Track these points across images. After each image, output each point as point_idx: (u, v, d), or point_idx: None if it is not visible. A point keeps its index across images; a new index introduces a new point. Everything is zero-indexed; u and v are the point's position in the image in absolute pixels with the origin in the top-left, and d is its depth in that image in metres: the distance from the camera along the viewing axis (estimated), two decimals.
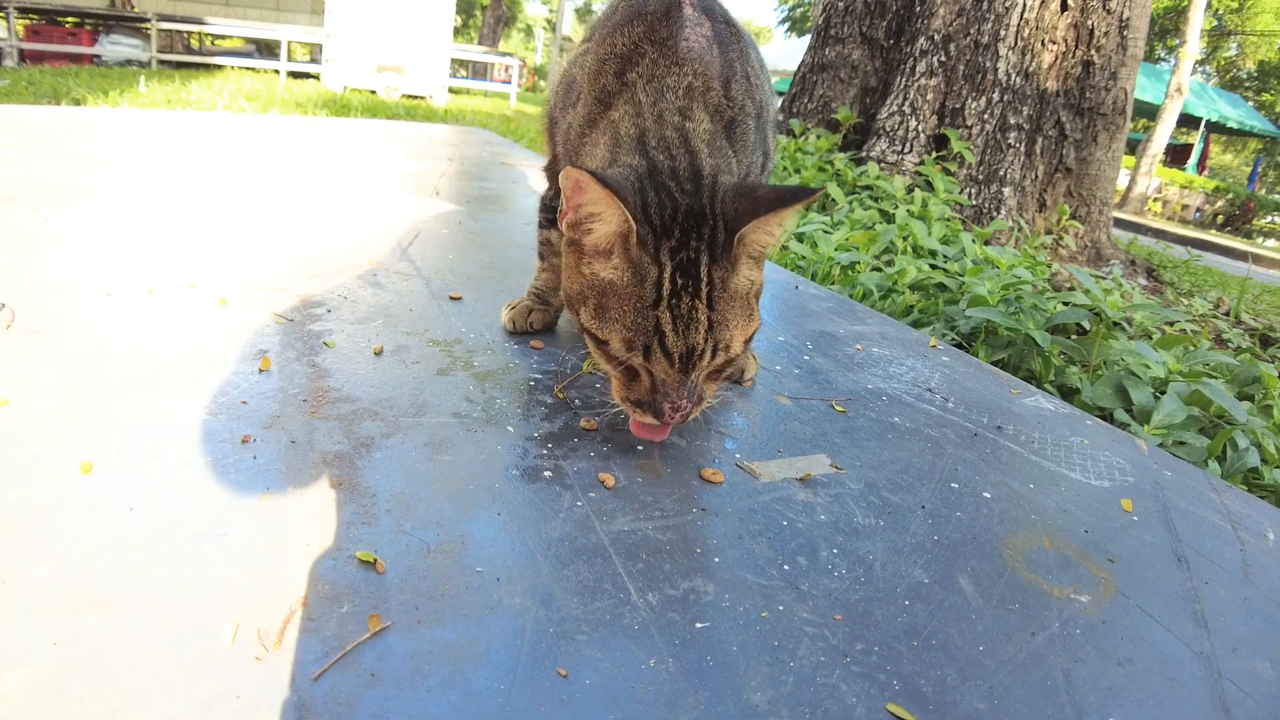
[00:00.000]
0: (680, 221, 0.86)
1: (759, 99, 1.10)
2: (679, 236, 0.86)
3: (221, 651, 0.60)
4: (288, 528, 0.75)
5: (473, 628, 0.64)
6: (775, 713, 0.60)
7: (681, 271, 0.85)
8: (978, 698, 0.68)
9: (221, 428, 0.93)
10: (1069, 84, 3.82)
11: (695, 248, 0.86)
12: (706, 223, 0.87)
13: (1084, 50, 3.78)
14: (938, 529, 0.91)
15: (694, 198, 0.88)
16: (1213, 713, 0.74)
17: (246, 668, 0.59)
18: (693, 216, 0.87)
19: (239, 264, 1.53)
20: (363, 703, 0.56)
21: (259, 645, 0.61)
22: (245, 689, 0.57)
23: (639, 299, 0.85)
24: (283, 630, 0.63)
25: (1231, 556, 1.02)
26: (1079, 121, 3.87)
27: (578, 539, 0.78)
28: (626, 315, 0.85)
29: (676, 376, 0.86)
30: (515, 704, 0.57)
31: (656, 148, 0.93)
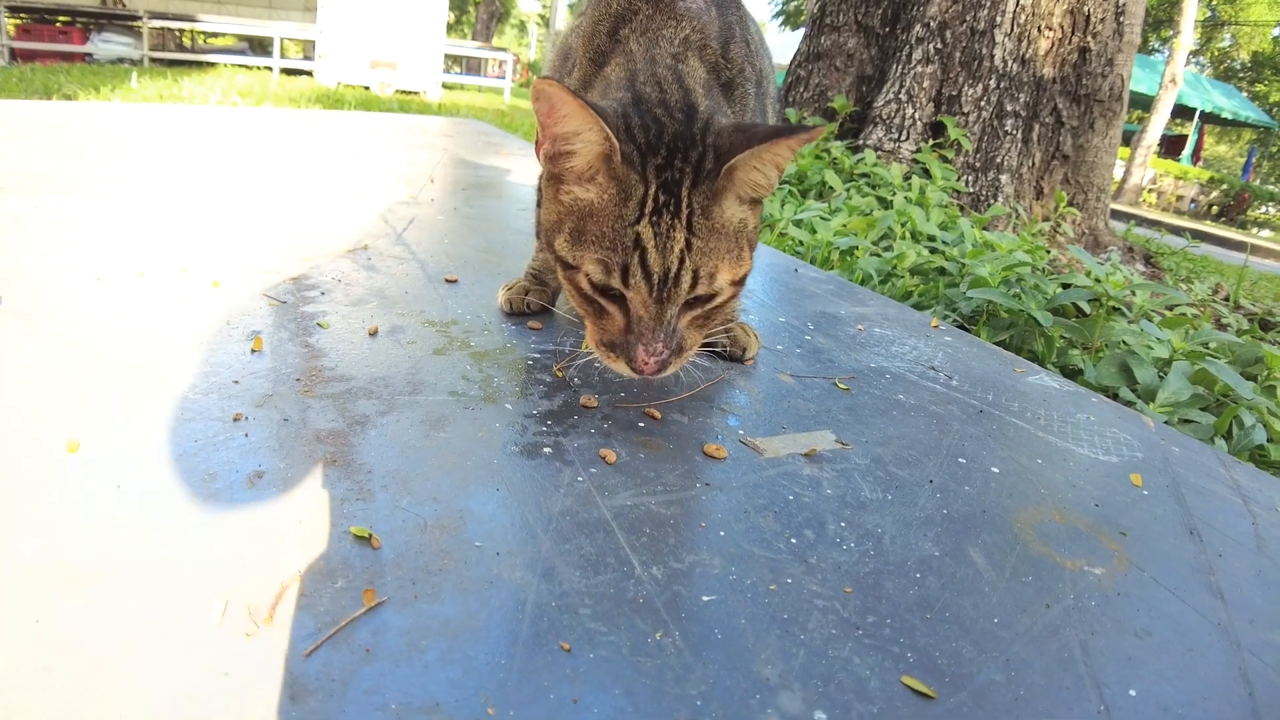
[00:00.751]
0: (667, 143, 0.83)
1: (759, 67, 1.08)
2: (664, 156, 0.82)
3: (210, 628, 0.58)
4: (280, 504, 0.73)
5: (471, 602, 0.62)
6: (787, 686, 0.58)
7: (664, 189, 0.81)
8: (994, 670, 0.66)
9: (212, 406, 0.91)
10: (1065, 70, 3.80)
11: (680, 169, 0.82)
12: (695, 149, 0.83)
13: (1080, 36, 3.76)
14: (946, 503, 0.89)
15: (684, 126, 0.85)
16: (1233, 684, 0.72)
17: (236, 644, 0.57)
18: (680, 140, 0.83)
19: (232, 248, 1.50)
20: (357, 679, 0.54)
21: (249, 622, 0.59)
22: (235, 666, 0.55)
23: (620, 217, 0.81)
24: (274, 607, 0.60)
25: (1244, 529, 1.01)
26: (1076, 108, 3.86)
27: (579, 514, 0.76)
28: (605, 235, 0.82)
29: (653, 307, 0.82)
30: (516, 679, 0.55)
31: (645, 83, 0.89)
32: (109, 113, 3.33)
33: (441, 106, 7.06)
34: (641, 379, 1.00)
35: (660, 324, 0.83)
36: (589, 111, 0.78)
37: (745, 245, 0.88)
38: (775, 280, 1.77)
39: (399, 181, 2.37)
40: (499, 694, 0.54)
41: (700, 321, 0.88)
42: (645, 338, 0.83)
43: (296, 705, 0.52)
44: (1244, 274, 3.27)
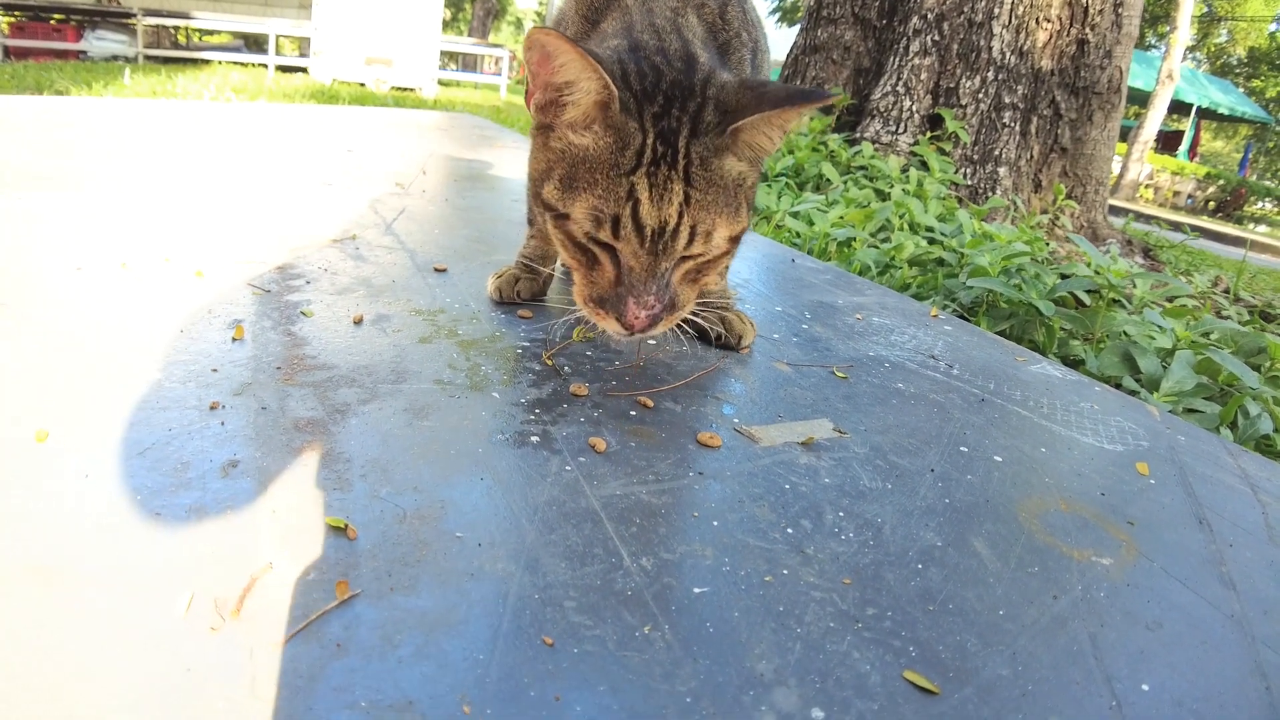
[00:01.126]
0: (664, 91, 0.79)
1: (755, 37, 1.05)
2: (661, 104, 0.79)
3: (174, 622, 0.55)
4: (253, 494, 0.70)
5: (450, 595, 0.59)
6: (783, 682, 0.55)
7: (661, 139, 0.78)
8: (1000, 664, 0.63)
9: (189, 395, 0.87)
10: (1064, 62, 3.77)
11: (678, 118, 0.78)
12: (694, 99, 0.80)
13: (1079, 28, 3.73)
14: (948, 492, 0.86)
15: (683, 75, 0.81)
16: (1249, 677, 0.69)
17: (200, 639, 0.53)
18: (679, 89, 0.80)
19: (217, 239, 1.47)
20: (326, 675, 0.51)
21: (215, 615, 0.56)
22: (197, 661, 0.51)
23: (614, 166, 0.77)
24: (242, 599, 0.57)
25: (1254, 519, 0.98)
26: (1074, 100, 3.83)
27: (566, 504, 0.73)
28: (598, 183, 0.78)
29: (646, 260, 0.79)
30: (495, 675, 0.52)
31: (643, 32, 0.85)
32: (100, 108, 3.29)
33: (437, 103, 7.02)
34: (630, 343, 0.95)
35: (653, 277, 0.79)
36: (586, 59, 0.74)
37: (743, 201, 0.84)
38: (772, 270, 1.74)
39: (391, 174, 2.34)
40: (476, 691, 0.50)
41: (694, 277, 0.85)
42: (636, 290, 0.79)
43: (260, 703, 0.49)
44: (1243, 267, 3.24)
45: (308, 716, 0.48)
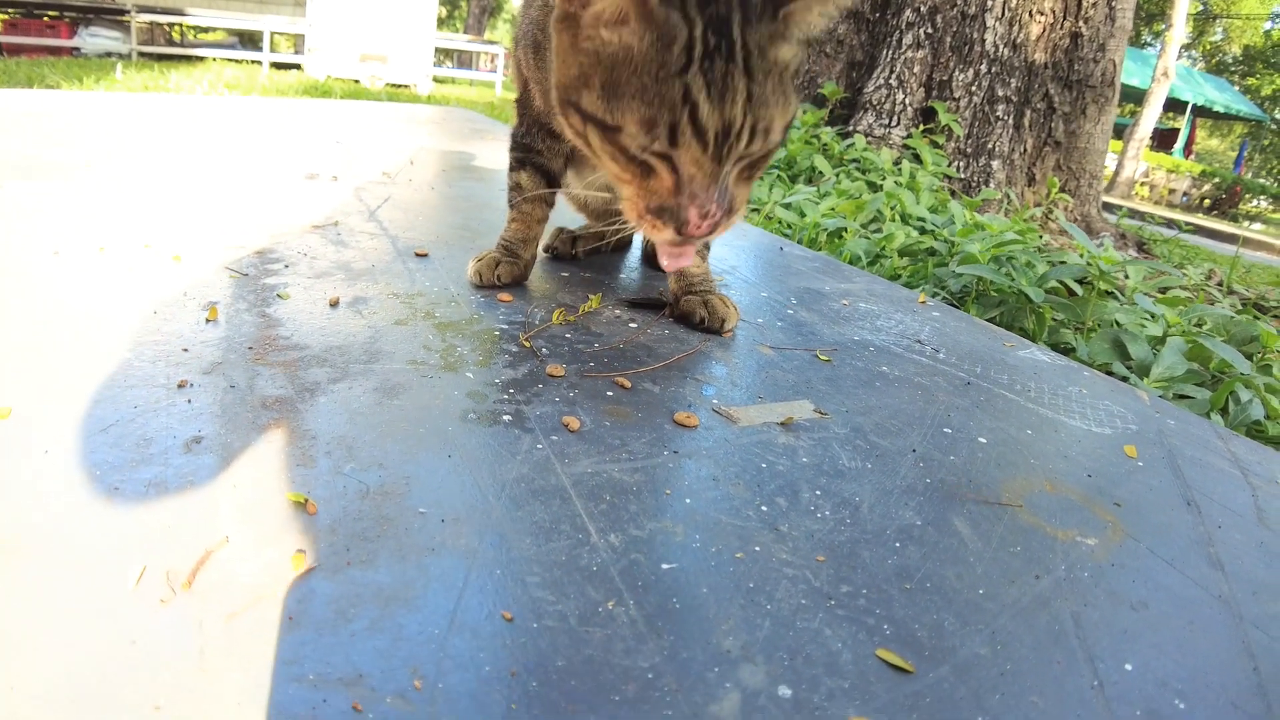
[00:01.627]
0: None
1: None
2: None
3: (123, 595, 0.53)
4: (215, 470, 0.68)
5: (409, 570, 0.57)
6: (750, 659, 0.53)
7: (713, 28, 0.68)
8: (979, 643, 0.61)
9: (158, 374, 0.85)
10: (1057, 56, 3.76)
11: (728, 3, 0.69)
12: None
13: (1072, 22, 3.72)
14: (930, 472, 0.85)
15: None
16: (1236, 658, 0.67)
17: (149, 612, 0.52)
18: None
19: (197, 225, 1.44)
20: (276, 648, 0.49)
21: (166, 588, 0.54)
22: (144, 634, 0.50)
23: (663, 66, 0.68)
24: (194, 572, 0.55)
25: (1243, 501, 0.96)
26: (1068, 94, 3.81)
27: (535, 481, 0.71)
28: (648, 87, 0.69)
29: (709, 165, 0.71)
30: (451, 649, 0.50)
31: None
32: (90, 101, 3.26)
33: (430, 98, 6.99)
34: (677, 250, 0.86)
35: (715, 182, 0.73)
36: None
37: (790, 84, 0.76)
38: (760, 258, 1.72)
39: (379, 165, 2.32)
40: (429, 665, 0.48)
41: (748, 175, 0.78)
42: (700, 199, 0.73)
43: (206, 676, 0.47)
44: (1236, 261, 3.23)
45: (254, 689, 0.46)
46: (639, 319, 1.18)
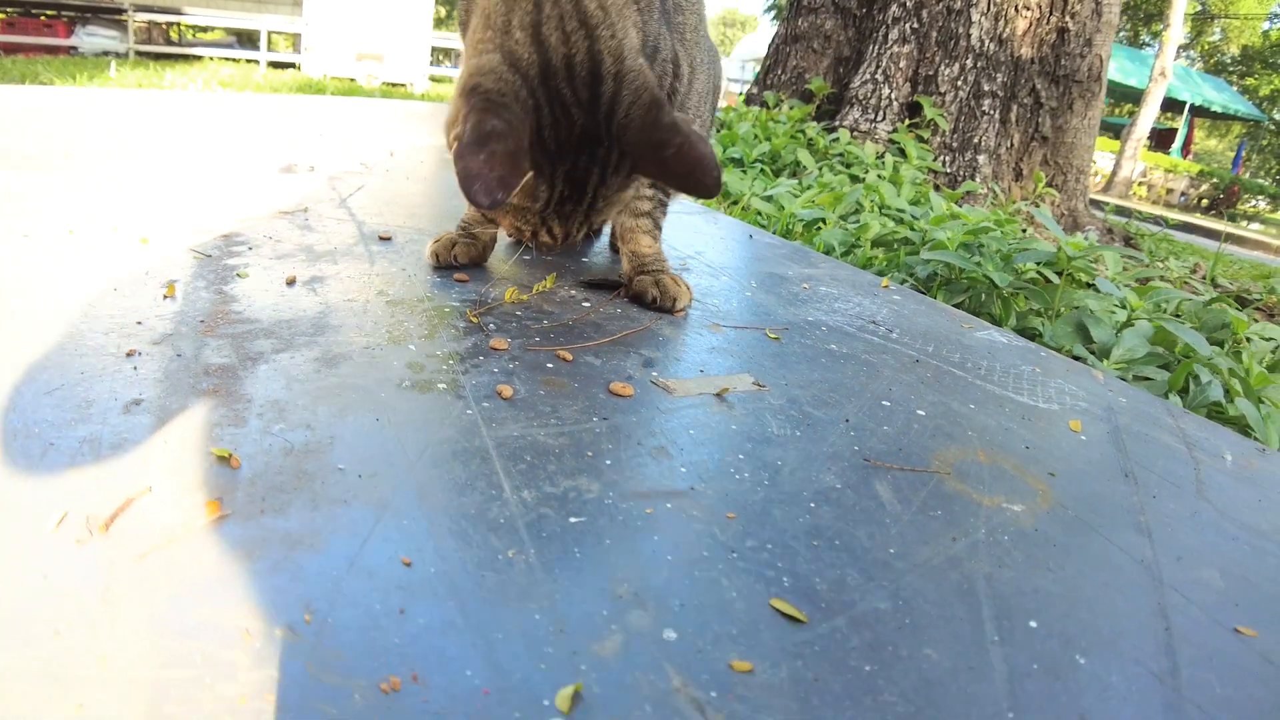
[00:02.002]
0: (575, 144, 0.86)
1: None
2: (572, 159, 0.87)
3: (42, 537, 0.55)
4: (149, 429, 0.70)
5: (318, 519, 0.59)
6: (641, 605, 0.54)
7: (569, 185, 0.89)
8: (880, 598, 0.62)
9: (109, 344, 0.87)
10: (1044, 51, 3.77)
11: (586, 168, 0.88)
12: (601, 145, 0.86)
13: (1058, 16, 3.73)
14: (860, 440, 0.86)
15: (590, 114, 0.85)
16: (1149, 618, 0.68)
17: (64, 551, 0.53)
18: (590, 137, 0.86)
19: (169, 211, 1.46)
20: (177, 585, 0.51)
21: (84, 531, 0.55)
22: (55, 570, 0.51)
23: (529, 206, 0.91)
24: (113, 518, 0.57)
25: (1185, 474, 0.97)
26: (1054, 89, 3.83)
27: (459, 443, 0.72)
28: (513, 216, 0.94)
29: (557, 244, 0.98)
30: (346, 588, 0.51)
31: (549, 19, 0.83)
32: (80, 97, 3.28)
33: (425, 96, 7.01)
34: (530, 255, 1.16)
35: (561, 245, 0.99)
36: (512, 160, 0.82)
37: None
38: (726, 244, 1.73)
39: (359, 156, 2.33)
40: (322, 602, 0.50)
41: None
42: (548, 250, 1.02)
43: (108, 607, 0.48)
44: (1220, 255, 3.24)
45: (152, 620, 0.48)
46: (593, 299, 1.19)
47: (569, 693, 0.45)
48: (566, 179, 0.87)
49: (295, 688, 0.44)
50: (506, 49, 0.84)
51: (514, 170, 0.80)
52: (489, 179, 0.77)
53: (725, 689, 0.48)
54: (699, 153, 0.83)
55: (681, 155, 0.83)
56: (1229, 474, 1.01)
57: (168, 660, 0.45)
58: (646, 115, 0.84)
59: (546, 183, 0.87)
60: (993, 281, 1.67)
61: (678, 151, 0.83)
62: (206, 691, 0.43)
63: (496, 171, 0.78)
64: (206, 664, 0.45)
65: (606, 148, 0.86)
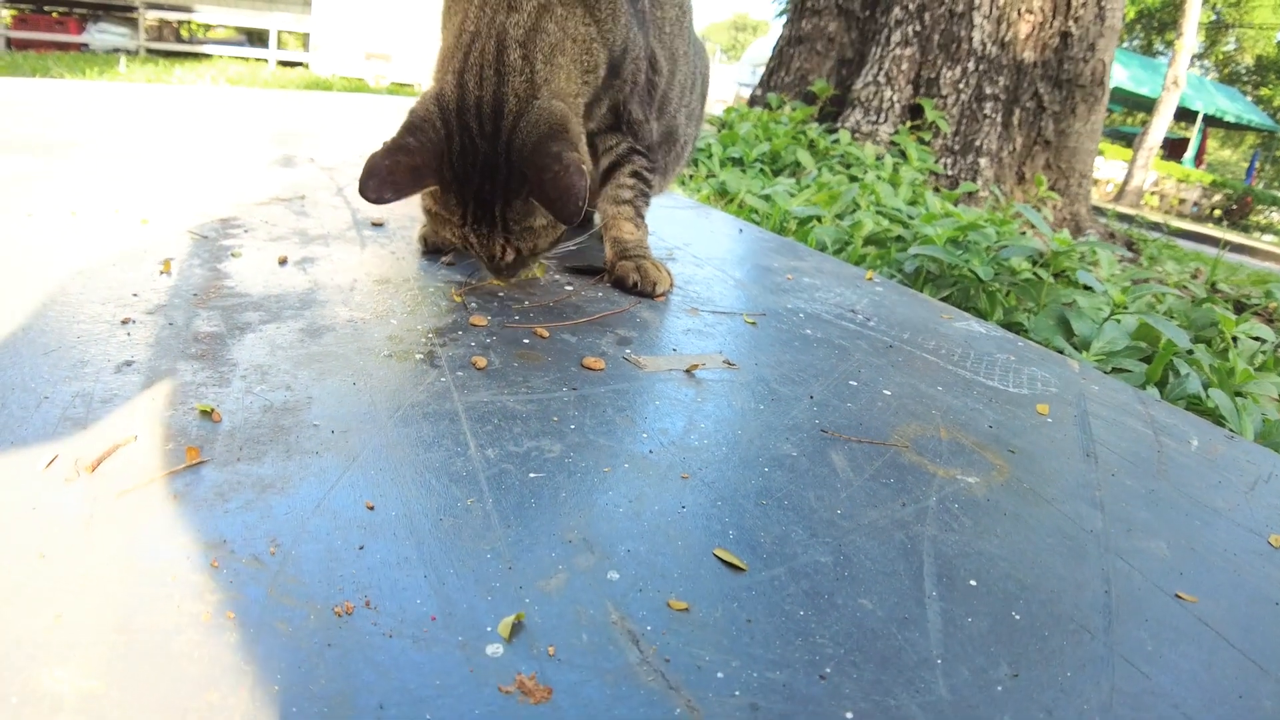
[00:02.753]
0: (480, 169, 0.97)
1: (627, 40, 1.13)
2: (477, 182, 0.98)
3: (33, 475, 0.59)
4: (139, 386, 0.74)
5: (290, 466, 0.62)
6: (589, 549, 0.58)
7: (478, 205, 0.99)
8: (822, 553, 0.65)
9: (105, 312, 0.91)
10: (1046, 55, 3.79)
11: (489, 191, 0.98)
12: (500, 171, 0.97)
13: (1061, 21, 3.75)
14: (821, 415, 0.89)
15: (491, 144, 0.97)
16: (1091, 580, 0.71)
17: (52, 487, 0.57)
18: (490, 164, 0.97)
19: (169, 196, 1.51)
20: (154, 519, 0.54)
21: (73, 470, 0.59)
22: (43, 503, 0.55)
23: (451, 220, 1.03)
24: (100, 460, 0.61)
25: (1147, 456, 0.99)
26: (1057, 93, 3.84)
27: (430, 405, 0.76)
28: (442, 226, 1.05)
29: (489, 264, 1.08)
30: (311, 527, 0.55)
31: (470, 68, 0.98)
32: (88, 90, 3.35)
33: None
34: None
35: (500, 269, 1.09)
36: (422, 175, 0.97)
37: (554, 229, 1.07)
38: (715, 238, 1.77)
39: (360, 149, 2.38)
40: (287, 537, 0.54)
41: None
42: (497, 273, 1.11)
43: (89, 534, 0.52)
44: (1220, 261, 3.25)
45: (128, 546, 0.51)
46: (575, 283, 1.23)
47: (510, 621, 0.48)
48: (475, 199, 0.99)
49: (255, 607, 0.47)
50: (440, 86, 1.00)
51: (411, 180, 0.95)
52: (383, 180, 0.92)
53: (661, 624, 0.52)
54: (569, 182, 0.92)
55: (555, 181, 0.92)
56: (1192, 457, 1.03)
57: (141, 580, 0.49)
58: (538, 144, 0.95)
59: (458, 200, 1.00)
60: (977, 276, 1.70)
61: (553, 178, 0.92)
62: (174, 607, 0.47)
63: (394, 177, 0.93)
64: (176, 585, 0.48)
65: (505, 174, 0.97)
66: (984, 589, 0.66)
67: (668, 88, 1.24)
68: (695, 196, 2.68)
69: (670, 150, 1.45)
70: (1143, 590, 0.71)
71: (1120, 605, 0.69)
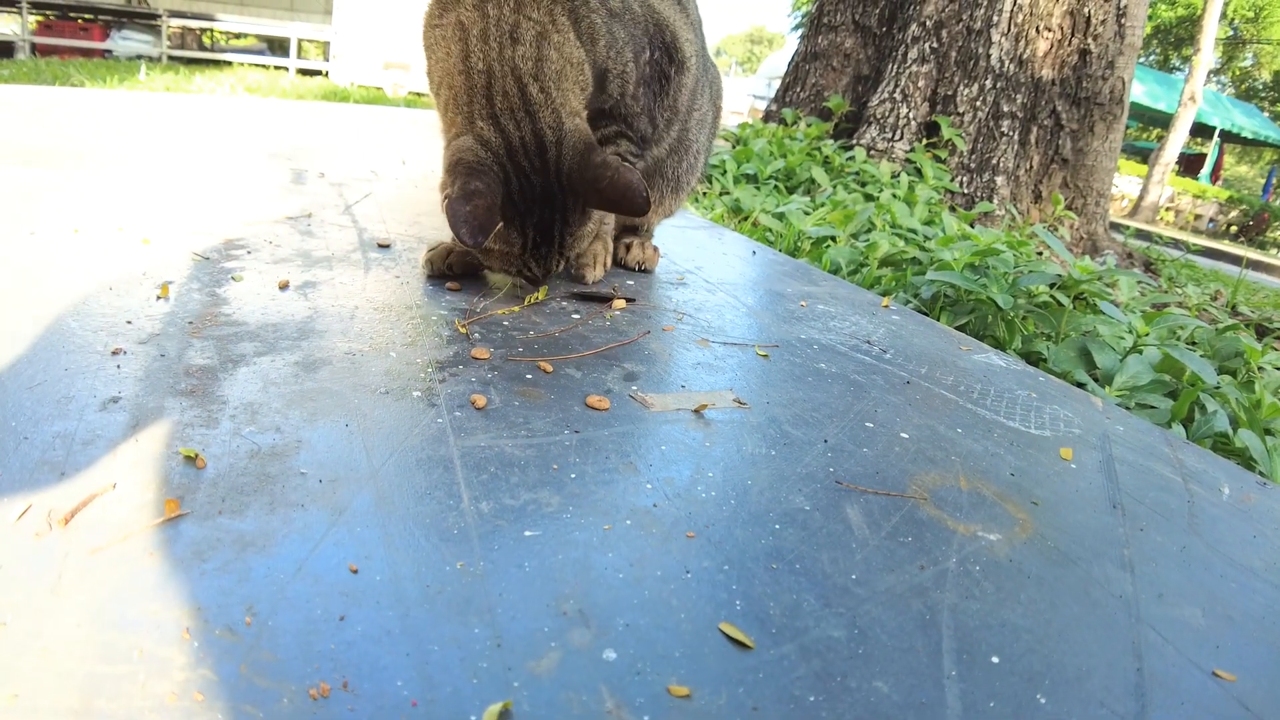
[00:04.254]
0: (538, 200, 1.07)
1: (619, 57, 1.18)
2: (538, 212, 1.08)
3: (4, 527, 0.56)
4: (123, 426, 0.71)
5: (274, 522, 0.59)
6: (584, 623, 0.54)
7: (539, 232, 1.09)
8: (835, 626, 0.61)
9: (96, 341, 0.89)
10: (1065, 73, 3.74)
11: (549, 217, 1.08)
12: (556, 197, 1.07)
13: (1080, 38, 3.71)
14: (836, 462, 0.85)
15: (544, 176, 1.06)
16: (1120, 656, 0.66)
17: (21, 543, 0.54)
18: (547, 193, 1.07)
19: (174, 213, 1.49)
20: (126, 579, 0.51)
21: (44, 524, 0.56)
22: (10, 561, 0.52)
23: (508, 255, 1.12)
24: (74, 512, 0.58)
25: (1176, 507, 0.95)
26: (1075, 111, 3.79)
27: (424, 450, 0.72)
28: (500, 260, 1.14)
29: (538, 280, 1.18)
30: (290, 592, 0.52)
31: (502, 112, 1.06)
32: (107, 99, 3.36)
33: None
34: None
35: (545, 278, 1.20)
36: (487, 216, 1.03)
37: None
38: (727, 261, 1.73)
39: (371, 164, 2.36)
40: (265, 605, 0.50)
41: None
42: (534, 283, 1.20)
43: (56, 598, 0.49)
44: (1241, 282, 3.18)
45: (97, 612, 0.48)
46: (583, 310, 1.20)
47: (496, 710, 0.45)
48: (536, 228, 1.08)
49: (225, 688, 0.44)
50: (476, 133, 1.06)
51: (490, 219, 1.01)
52: (473, 224, 0.98)
53: (660, 713, 0.48)
54: (625, 180, 1.03)
55: (613, 185, 1.03)
56: (1224, 508, 0.98)
57: (106, 654, 0.45)
58: (582, 161, 1.05)
59: (519, 232, 1.08)
60: (996, 304, 1.66)
61: (609, 184, 1.03)
62: (138, 688, 0.43)
63: (478, 219, 0.99)
64: (143, 660, 0.45)
65: (562, 199, 1.07)
66: (1006, 667, 0.62)
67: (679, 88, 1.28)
68: (709, 215, 2.65)
69: (682, 159, 1.42)
70: (1177, 667, 0.67)
71: (1153, 685, 0.64)
